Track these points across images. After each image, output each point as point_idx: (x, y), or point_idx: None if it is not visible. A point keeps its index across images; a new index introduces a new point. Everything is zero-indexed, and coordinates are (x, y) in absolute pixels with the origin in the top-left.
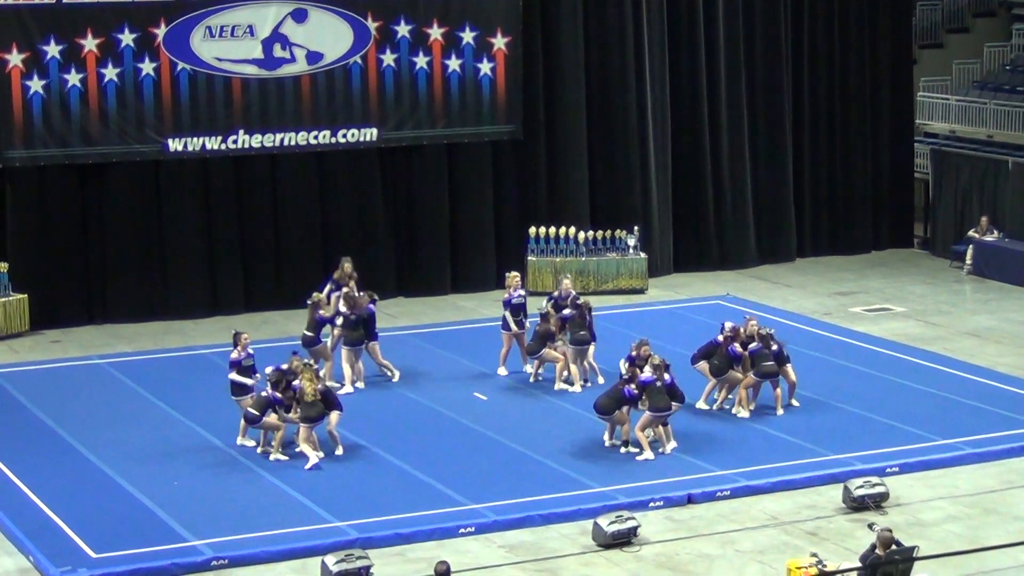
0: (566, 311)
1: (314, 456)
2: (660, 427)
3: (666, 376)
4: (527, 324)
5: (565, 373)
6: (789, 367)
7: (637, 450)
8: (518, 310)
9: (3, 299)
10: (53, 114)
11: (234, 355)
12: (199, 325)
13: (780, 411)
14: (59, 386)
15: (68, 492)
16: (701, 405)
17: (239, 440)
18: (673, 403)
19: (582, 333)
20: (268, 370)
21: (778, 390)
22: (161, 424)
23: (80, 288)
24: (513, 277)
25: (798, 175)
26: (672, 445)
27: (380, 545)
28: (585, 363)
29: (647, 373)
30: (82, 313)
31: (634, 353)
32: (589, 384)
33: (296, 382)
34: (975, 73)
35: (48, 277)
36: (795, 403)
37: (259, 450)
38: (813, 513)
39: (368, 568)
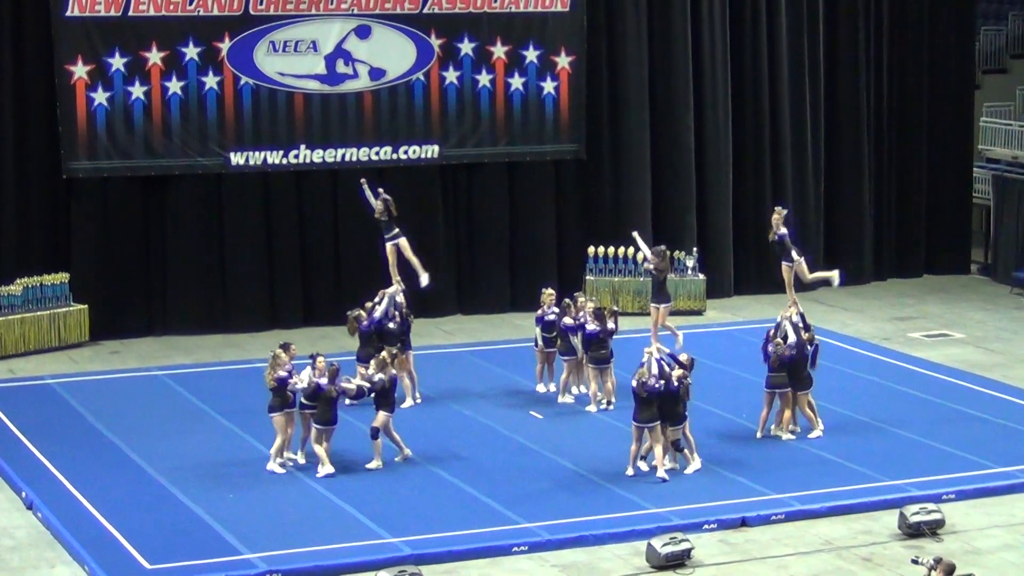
0: (589, 327)
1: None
2: (675, 451)
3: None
4: (558, 343)
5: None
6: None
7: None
8: (550, 327)
9: (64, 309)
10: (117, 126)
11: (281, 373)
12: (257, 338)
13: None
14: (117, 397)
15: (124, 503)
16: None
17: (269, 465)
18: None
19: (603, 352)
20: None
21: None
22: (218, 437)
23: (140, 300)
24: (548, 294)
25: (861, 199)
26: (673, 465)
27: (433, 562)
28: (608, 384)
29: (653, 383)
30: (142, 324)
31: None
32: (609, 407)
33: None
34: None
35: (109, 288)
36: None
37: (320, 473)
38: (868, 539)
39: None
